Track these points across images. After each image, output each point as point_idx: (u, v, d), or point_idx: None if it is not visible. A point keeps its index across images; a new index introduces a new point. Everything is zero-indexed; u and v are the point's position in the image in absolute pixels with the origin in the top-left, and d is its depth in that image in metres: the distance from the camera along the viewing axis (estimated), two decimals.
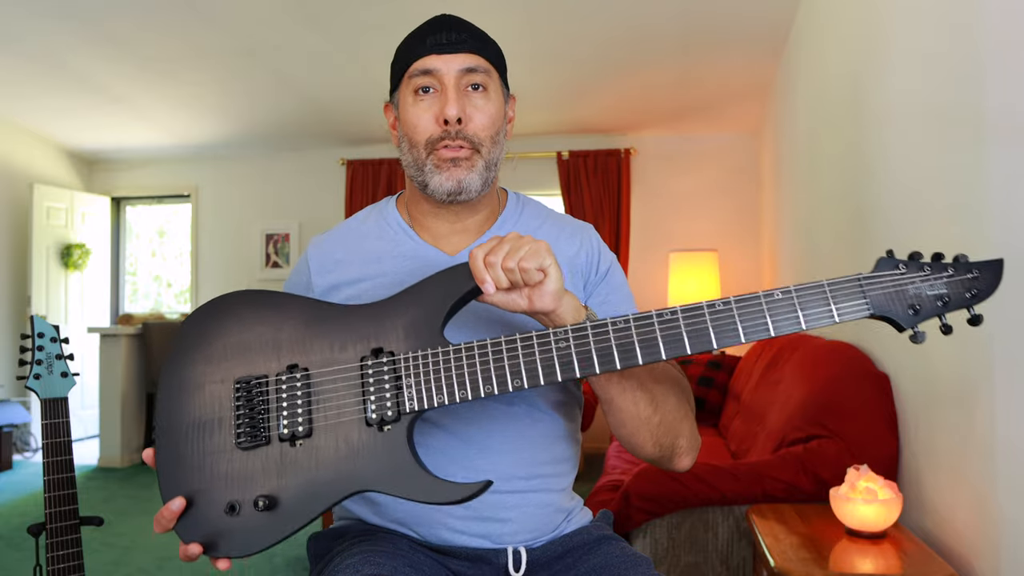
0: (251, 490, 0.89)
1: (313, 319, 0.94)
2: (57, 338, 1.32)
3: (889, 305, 0.86)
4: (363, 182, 5.72)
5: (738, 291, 5.19)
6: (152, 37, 4.09)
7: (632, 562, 1.05)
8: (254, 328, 0.94)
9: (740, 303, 0.87)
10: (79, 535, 1.28)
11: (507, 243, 0.89)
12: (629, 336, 0.87)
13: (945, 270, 0.86)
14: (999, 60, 1.42)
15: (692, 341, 0.86)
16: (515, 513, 1.07)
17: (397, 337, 0.91)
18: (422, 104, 1.07)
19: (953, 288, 0.86)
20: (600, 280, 1.16)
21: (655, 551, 2.04)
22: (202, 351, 0.95)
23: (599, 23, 3.79)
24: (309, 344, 0.93)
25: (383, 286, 1.09)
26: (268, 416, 0.91)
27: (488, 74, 1.08)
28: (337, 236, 1.18)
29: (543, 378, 0.87)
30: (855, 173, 2.49)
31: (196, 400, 0.93)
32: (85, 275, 5.93)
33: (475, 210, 1.14)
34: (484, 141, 1.07)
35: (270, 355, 0.93)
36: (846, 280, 0.86)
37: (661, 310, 0.87)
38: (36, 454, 5.41)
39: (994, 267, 0.87)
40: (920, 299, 0.86)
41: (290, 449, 0.89)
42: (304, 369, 0.92)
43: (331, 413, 0.90)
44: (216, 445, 0.91)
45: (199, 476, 0.90)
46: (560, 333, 0.87)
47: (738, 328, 0.86)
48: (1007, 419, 1.40)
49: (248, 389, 0.92)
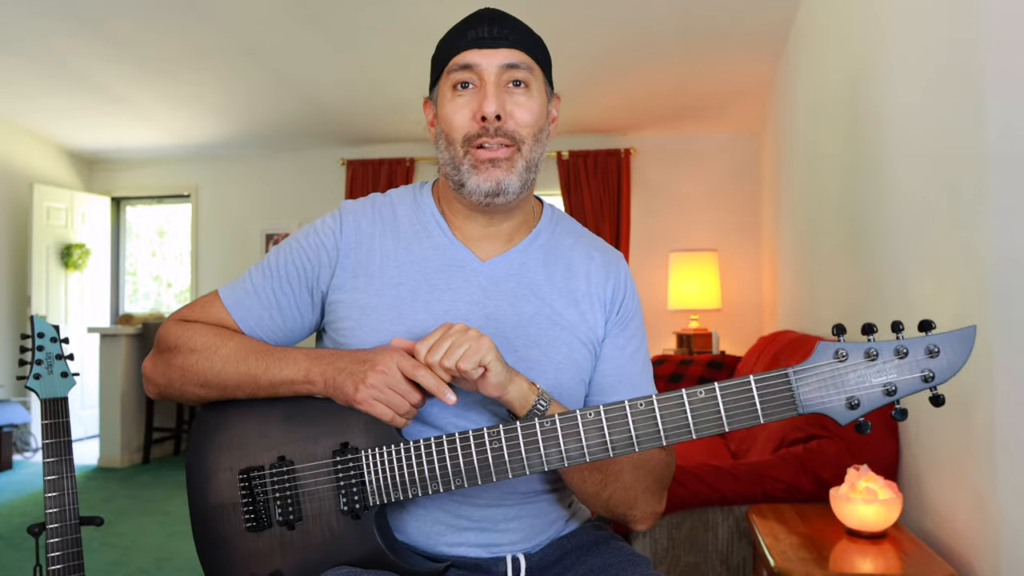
0: (264, 567, 1.01)
1: (291, 413, 1.03)
2: (57, 338, 1.32)
3: (824, 400, 0.80)
4: (363, 182, 5.72)
5: (739, 292, 5.21)
6: (152, 37, 4.08)
7: (631, 561, 1.05)
8: (249, 419, 1.05)
9: (662, 402, 0.86)
10: (79, 535, 1.27)
11: (448, 339, 0.92)
12: (555, 435, 0.89)
13: (896, 353, 0.78)
14: (999, 60, 1.42)
15: (614, 444, 0.87)
16: (515, 524, 1.07)
17: (359, 431, 0.99)
18: (460, 100, 1.02)
19: (904, 371, 0.78)
20: (620, 322, 1.13)
21: (655, 551, 2.04)
22: (215, 439, 1.06)
23: (599, 23, 3.79)
24: (290, 436, 1.02)
25: (410, 277, 1.06)
26: (268, 504, 1.01)
27: (531, 71, 1.03)
28: (371, 210, 1.12)
29: (480, 478, 0.92)
30: (855, 173, 2.49)
31: (213, 486, 1.05)
32: (85, 275, 5.93)
33: (510, 215, 1.09)
34: (525, 138, 1.03)
35: (262, 446, 1.03)
36: (774, 375, 0.81)
37: (584, 410, 0.89)
38: (36, 454, 5.41)
39: (962, 338, 0.77)
40: (862, 389, 0.79)
41: (288, 532, 1.01)
42: (290, 462, 1.01)
43: (315, 504, 1.00)
44: (233, 527, 1.03)
45: (224, 552, 1.04)
46: (493, 434, 0.91)
47: (660, 430, 0.85)
48: (1007, 419, 1.40)
49: (249, 480, 1.02)
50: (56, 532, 1.25)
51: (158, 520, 3.73)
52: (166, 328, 1.10)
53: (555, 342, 1.06)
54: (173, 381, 1.07)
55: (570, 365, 1.07)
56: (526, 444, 0.91)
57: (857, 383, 0.79)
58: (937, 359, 0.78)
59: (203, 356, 1.04)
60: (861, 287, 2.43)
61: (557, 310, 1.08)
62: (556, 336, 1.07)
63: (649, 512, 1.06)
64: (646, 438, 0.86)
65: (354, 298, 1.06)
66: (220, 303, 1.10)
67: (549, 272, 1.11)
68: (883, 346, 0.80)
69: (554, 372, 1.05)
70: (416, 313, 1.04)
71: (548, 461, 0.90)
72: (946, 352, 0.78)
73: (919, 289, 1.86)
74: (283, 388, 1.01)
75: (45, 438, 1.27)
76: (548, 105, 1.08)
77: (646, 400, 0.86)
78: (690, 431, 0.84)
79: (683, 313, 5.11)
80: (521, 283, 1.09)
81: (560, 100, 1.13)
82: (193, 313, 1.11)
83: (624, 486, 1.02)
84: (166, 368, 1.07)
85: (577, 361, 1.08)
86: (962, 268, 1.58)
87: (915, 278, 1.89)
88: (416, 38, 3.66)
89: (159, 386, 1.09)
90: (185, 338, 1.06)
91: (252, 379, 1.02)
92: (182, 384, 1.06)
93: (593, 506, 1.06)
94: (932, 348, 0.78)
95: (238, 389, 1.03)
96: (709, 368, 4.01)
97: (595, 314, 1.11)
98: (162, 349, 1.09)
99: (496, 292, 1.07)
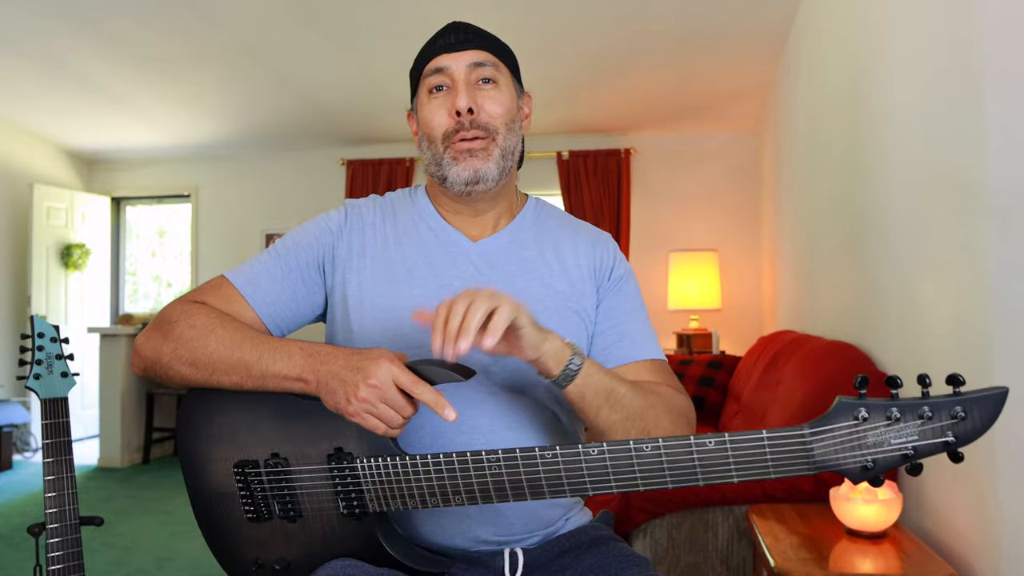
0: (268, 553, 1.02)
1: (281, 411, 1.01)
2: (57, 338, 1.32)
3: (838, 460, 0.76)
4: (363, 182, 5.72)
5: (739, 292, 5.21)
6: (152, 37, 4.09)
7: (630, 562, 1.05)
8: (236, 411, 1.03)
9: (668, 446, 0.82)
10: (79, 535, 1.27)
11: (465, 301, 0.87)
12: (557, 469, 0.86)
13: (920, 417, 0.74)
14: (999, 61, 1.42)
15: (616, 481, 0.84)
16: (515, 519, 1.07)
17: (354, 437, 0.97)
18: (435, 102, 1.11)
19: (926, 435, 0.74)
20: (612, 287, 1.17)
21: (655, 551, 2.04)
22: (206, 428, 1.04)
23: (599, 23, 3.79)
24: (283, 433, 1.00)
25: (408, 257, 1.12)
26: (266, 498, 1.01)
27: (497, 68, 1.12)
28: (372, 204, 1.20)
29: (480, 499, 0.91)
30: (855, 173, 2.49)
31: (208, 474, 1.04)
32: (85, 275, 5.93)
33: (494, 202, 1.16)
34: (499, 128, 1.10)
35: (254, 441, 1.01)
36: (789, 434, 0.77)
37: (588, 446, 0.86)
38: (36, 454, 5.41)
39: (991, 402, 0.72)
40: (879, 452, 0.75)
41: (290, 525, 1.01)
42: (284, 460, 1.00)
43: (314, 503, 0.99)
44: (234, 516, 1.04)
45: (229, 538, 1.05)
46: (492, 459, 0.88)
47: (665, 474, 0.83)
48: (1007, 419, 1.40)
49: (244, 474, 1.01)
50: (56, 532, 1.25)
51: (158, 520, 3.72)
52: (170, 305, 1.09)
53: (547, 311, 1.09)
54: (162, 356, 1.04)
55: (563, 336, 1.06)
56: (526, 472, 0.88)
57: (875, 445, 0.76)
58: (962, 424, 0.73)
59: (199, 333, 1.02)
60: (861, 287, 2.43)
61: (548, 282, 1.13)
62: (548, 306, 1.11)
63: None
64: (650, 479, 0.84)
65: (356, 276, 1.12)
66: (229, 284, 1.10)
67: (539, 247, 1.17)
68: (906, 407, 0.76)
69: None
70: (413, 288, 1.10)
71: (549, 491, 0.88)
72: (972, 417, 0.73)
73: (919, 289, 1.86)
74: (272, 382, 0.99)
75: (45, 438, 1.27)
76: (518, 101, 1.16)
77: (652, 444, 0.83)
78: (698, 478, 0.82)
79: (683, 313, 5.11)
80: (511, 259, 1.15)
81: (531, 98, 1.21)
82: (201, 295, 1.10)
83: (664, 430, 1.03)
84: (160, 341, 1.05)
85: (570, 333, 1.08)
86: (962, 268, 1.58)
87: (915, 278, 1.89)
88: (416, 38, 3.63)
89: (146, 360, 1.07)
90: (187, 315, 1.05)
91: (244, 366, 0.99)
92: (171, 360, 1.03)
93: None
94: (958, 413, 0.73)
95: (226, 375, 1.00)
96: (709, 368, 4.00)
97: (584, 283, 1.15)
98: (160, 322, 1.07)
99: (488, 268, 1.13)
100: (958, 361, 1.62)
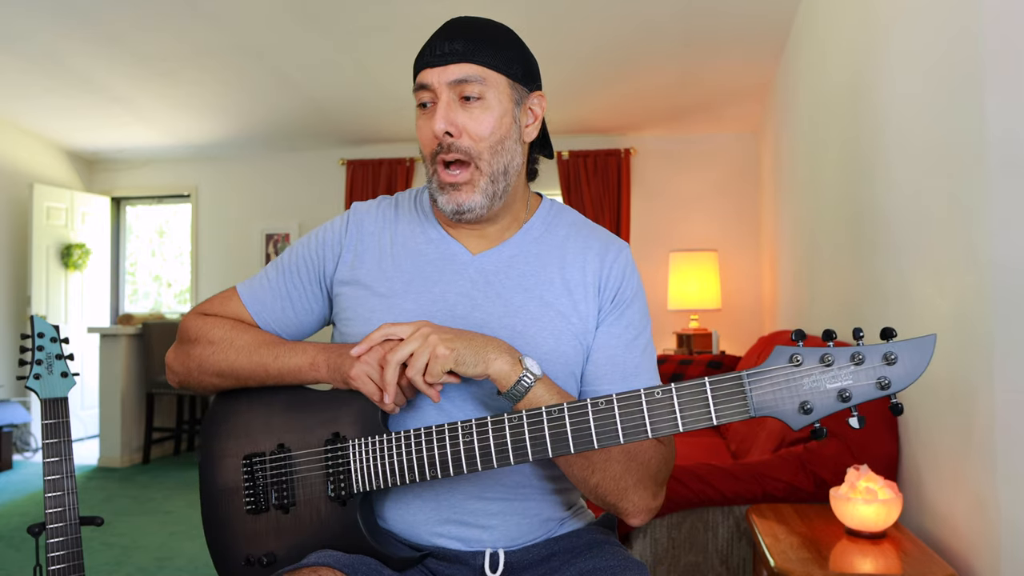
0: (259, 548, 1.07)
1: (291, 403, 1.10)
2: (57, 338, 1.32)
3: (776, 404, 0.80)
4: (363, 182, 5.72)
5: (739, 292, 5.21)
6: (152, 37, 4.09)
7: (624, 566, 1.02)
8: (256, 407, 1.12)
9: (622, 401, 0.87)
10: (79, 535, 1.27)
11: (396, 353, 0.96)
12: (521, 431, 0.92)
13: (852, 360, 0.79)
14: (999, 61, 1.42)
15: (575, 440, 0.89)
16: (497, 520, 1.06)
17: (350, 421, 1.05)
18: (423, 119, 1.07)
19: (860, 377, 0.78)
20: (615, 310, 1.11)
21: (655, 551, 2.04)
22: (225, 426, 1.13)
23: (599, 22, 3.79)
24: (290, 424, 1.09)
25: (405, 270, 1.12)
26: (266, 488, 1.07)
27: (484, 83, 1.04)
28: (376, 210, 1.20)
29: (452, 470, 0.95)
30: (855, 173, 2.49)
31: (219, 470, 1.11)
32: (85, 275, 5.93)
33: (493, 220, 1.12)
34: (481, 153, 1.04)
35: (266, 434, 1.10)
36: (728, 379, 0.82)
37: (551, 407, 0.91)
38: (36, 454, 5.41)
39: (921, 346, 0.77)
40: (816, 395, 0.79)
41: (283, 516, 1.07)
42: (288, 449, 1.07)
43: (307, 489, 1.06)
44: (235, 510, 1.09)
45: (227, 534, 1.10)
46: (466, 428, 0.94)
47: (617, 429, 0.87)
48: (1007, 419, 1.40)
49: (251, 465, 1.08)
50: (56, 532, 1.25)
51: (158, 520, 3.73)
52: (188, 321, 1.19)
53: (541, 333, 1.07)
54: (192, 371, 1.15)
55: (557, 357, 1.07)
56: (495, 438, 0.93)
57: (811, 388, 0.80)
58: (894, 367, 0.77)
59: (219, 348, 1.12)
60: (861, 287, 2.43)
61: (547, 301, 1.09)
62: (544, 327, 1.07)
63: (642, 506, 1.04)
64: (605, 436, 0.88)
65: (352, 290, 1.13)
66: (238, 298, 1.19)
67: (542, 263, 1.12)
68: (839, 352, 0.80)
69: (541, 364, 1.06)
70: (405, 303, 1.10)
71: (514, 456, 0.92)
72: (903, 360, 0.77)
73: (919, 289, 1.86)
74: (290, 376, 1.08)
75: (45, 438, 1.27)
76: (515, 109, 1.08)
77: (606, 399, 0.88)
78: (646, 430, 0.86)
79: (683, 313, 5.11)
80: (510, 275, 1.11)
81: (544, 98, 1.14)
82: (213, 307, 1.20)
83: (613, 476, 1.01)
84: (186, 358, 1.16)
85: (565, 353, 1.07)
86: (962, 268, 1.58)
87: (915, 278, 1.89)
88: (416, 38, 3.63)
89: (179, 375, 1.18)
90: (204, 331, 1.15)
91: (263, 368, 1.09)
92: (200, 373, 1.14)
93: (584, 492, 1.06)
94: (890, 356, 0.78)
95: (250, 378, 1.11)
96: (709, 368, 4.00)
97: (588, 303, 1.10)
98: (183, 340, 1.18)
99: (484, 284, 1.10)
100: (958, 361, 1.62)
